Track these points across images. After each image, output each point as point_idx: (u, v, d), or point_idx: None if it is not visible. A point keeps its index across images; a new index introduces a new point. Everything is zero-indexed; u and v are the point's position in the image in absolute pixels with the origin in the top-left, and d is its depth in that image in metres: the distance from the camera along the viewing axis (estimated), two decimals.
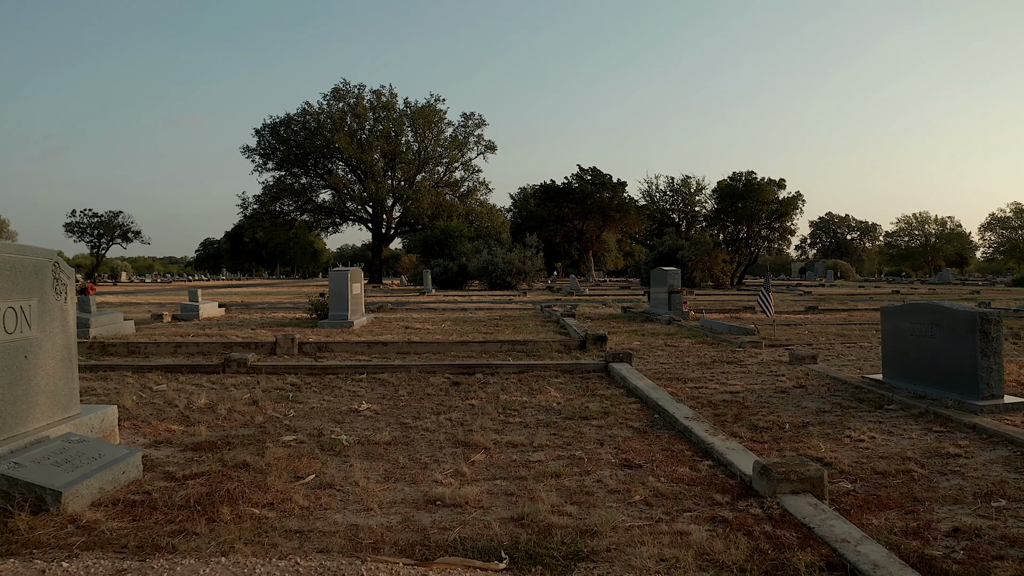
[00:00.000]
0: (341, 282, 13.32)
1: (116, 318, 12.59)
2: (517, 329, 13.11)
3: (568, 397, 6.40)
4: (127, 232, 59.14)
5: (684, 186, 49.76)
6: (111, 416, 5.01)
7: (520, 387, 6.96)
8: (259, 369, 7.97)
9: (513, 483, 3.87)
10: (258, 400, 6.32)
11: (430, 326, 13.56)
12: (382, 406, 6.08)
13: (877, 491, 3.97)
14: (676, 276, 15.84)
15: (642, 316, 16.07)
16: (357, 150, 52.16)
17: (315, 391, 6.84)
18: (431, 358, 9.15)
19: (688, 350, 10.00)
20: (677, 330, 12.85)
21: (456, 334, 12.11)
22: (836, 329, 13.19)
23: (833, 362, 8.80)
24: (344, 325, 13.01)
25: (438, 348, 9.81)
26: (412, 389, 6.84)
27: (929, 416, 5.80)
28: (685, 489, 3.78)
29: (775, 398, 6.52)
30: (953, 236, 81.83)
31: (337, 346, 9.91)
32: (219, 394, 6.66)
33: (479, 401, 6.24)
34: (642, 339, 11.47)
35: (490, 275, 36.66)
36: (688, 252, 40.88)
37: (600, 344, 9.83)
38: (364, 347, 9.85)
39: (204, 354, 9.88)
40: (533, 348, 9.74)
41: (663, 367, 8.38)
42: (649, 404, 5.99)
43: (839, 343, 10.62)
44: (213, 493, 3.73)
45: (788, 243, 44.35)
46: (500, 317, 16.21)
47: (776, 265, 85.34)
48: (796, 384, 7.20)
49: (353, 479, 3.92)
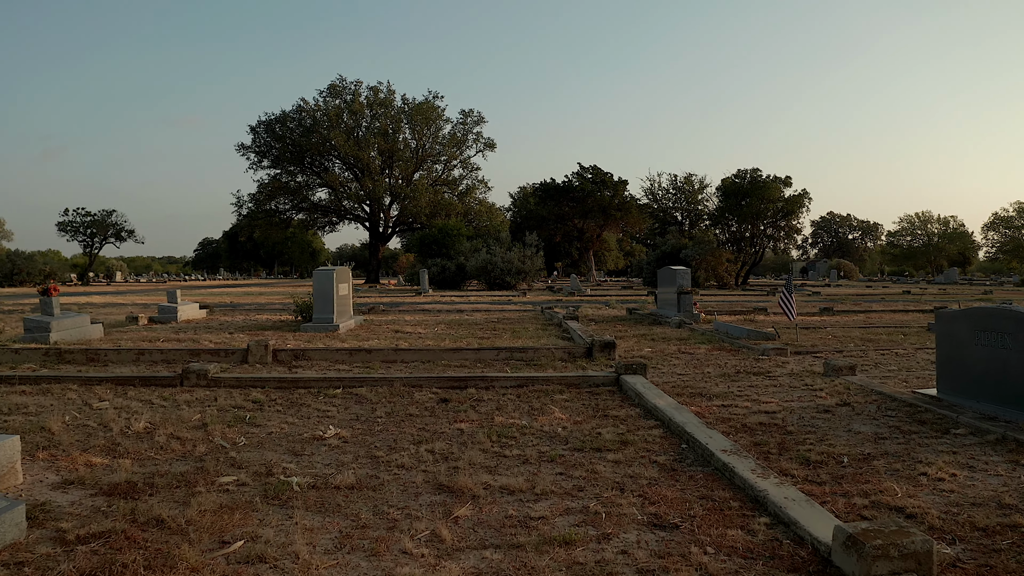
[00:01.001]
0: (326, 282, 12.33)
1: (81, 321, 11.59)
2: (516, 333, 12.11)
3: (576, 420, 5.40)
4: (120, 231, 58.04)
5: (687, 184, 48.73)
6: (9, 450, 4.02)
7: (519, 405, 5.97)
8: (220, 382, 6.98)
9: (507, 556, 2.88)
10: (208, 423, 5.33)
11: (422, 330, 12.56)
12: (353, 431, 5.09)
13: (989, 560, 2.99)
14: (686, 276, 14.85)
15: (649, 318, 15.08)
16: (354, 147, 51.14)
17: (279, 410, 5.85)
18: (419, 368, 8.15)
19: (706, 358, 9.01)
20: (689, 334, 11.85)
21: (449, 339, 11.12)
22: (861, 333, 12.21)
23: (873, 373, 7.81)
24: (329, 329, 12.01)
25: (428, 356, 8.81)
26: (392, 408, 5.85)
27: (1010, 444, 4.81)
28: (742, 567, 2.78)
29: (820, 419, 5.53)
30: (955, 236, 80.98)
31: (316, 354, 8.91)
32: (165, 414, 5.67)
33: (470, 425, 5.25)
34: (653, 345, 10.48)
35: (489, 275, 35.66)
36: (692, 251, 39.88)
37: (608, 351, 8.83)
38: (345, 355, 8.85)
39: (168, 362, 8.89)
40: (534, 356, 8.74)
41: (682, 380, 7.38)
42: (674, 430, 5.00)
43: (872, 350, 9.61)
44: (102, 570, 2.74)
45: (794, 242, 43.33)
46: (498, 320, 15.22)
47: (777, 264, 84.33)
48: (839, 401, 6.21)
49: (293, 548, 2.93)
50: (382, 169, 54.70)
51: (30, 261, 48.62)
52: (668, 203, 49.57)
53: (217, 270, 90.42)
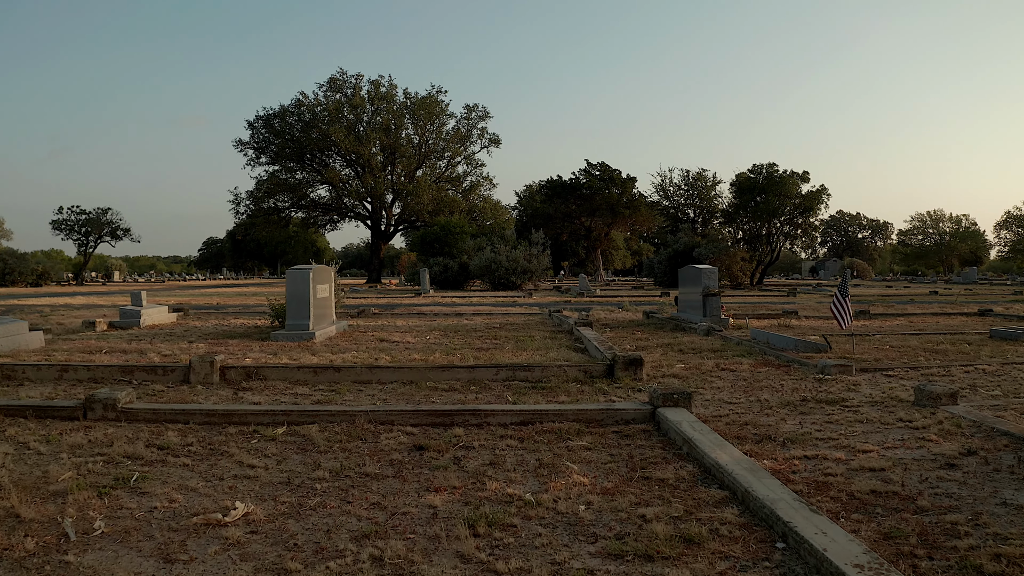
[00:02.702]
0: (301, 283, 10.68)
1: (15, 329, 9.99)
2: (520, 343, 10.45)
3: (604, 487, 3.72)
4: (116, 230, 56.42)
5: (700, 180, 46.90)
6: None
7: (523, 458, 4.30)
8: (132, 415, 5.34)
9: None
10: (72, 489, 3.68)
11: (412, 339, 10.89)
12: (274, 508, 3.43)
13: None
14: (712, 276, 13.15)
15: (671, 324, 13.38)
16: (354, 143, 49.51)
17: (187, 463, 4.20)
18: (396, 393, 6.49)
19: (754, 378, 7.31)
20: (723, 344, 10.15)
21: (441, 352, 9.45)
22: (918, 342, 10.47)
23: (974, 399, 6.10)
24: (303, 337, 10.36)
25: (410, 376, 7.14)
26: (344, 462, 4.18)
27: None
28: None
29: (950, 482, 3.85)
30: (968, 234, 79.47)
31: (274, 372, 7.26)
32: (26, 467, 4.03)
33: (448, 497, 3.59)
34: (683, 358, 8.79)
35: (493, 274, 34.00)
36: (705, 250, 38.16)
37: (634, 370, 7.13)
38: (309, 373, 7.19)
39: (96, 381, 7.27)
40: (541, 376, 7.06)
41: (735, 412, 5.69)
42: (755, 510, 3.31)
43: (958, 367, 7.86)
44: None
45: (812, 240, 41.48)
46: (501, 325, 13.55)
47: (786, 264, 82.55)
48: (961, 448, 4.51)
49: None
50: (384, 165, 53.09)
51: (22, 260, 47.25)
52: (680, 200, 47.74)
53: (220, 270, 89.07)
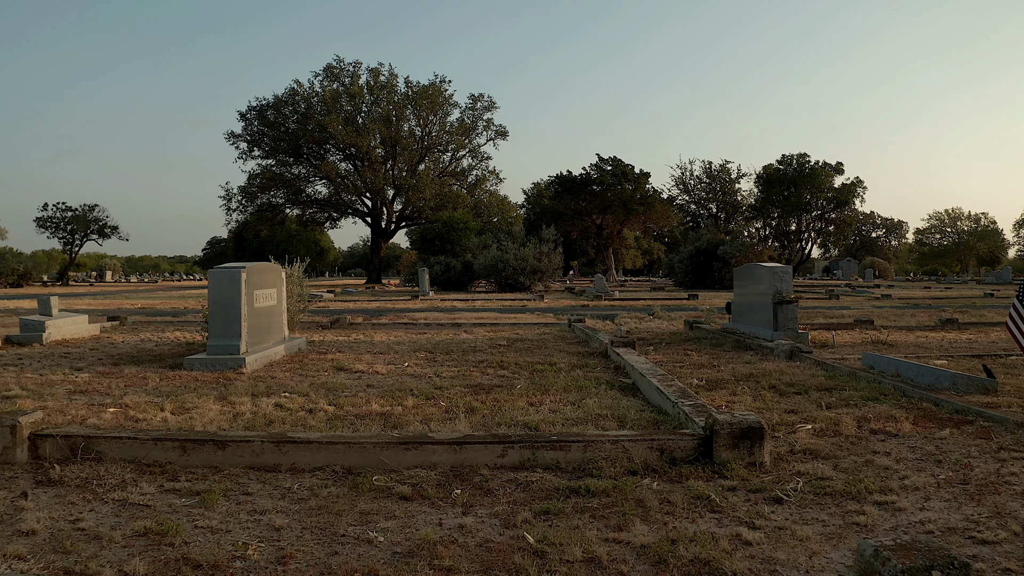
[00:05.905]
0: (228, 288, 7.64)
1: None
2: (537, 374, 7.37)
3: None
4: (103, 227, 53.71)
5: (723, 172, 43.63)
6: None
7: None
8: None
9: None
10: None
11: (383, 367, 7.79)
12: None
13: None
14: (786, 277, 10.04)
15: (730, 339, 10.27)
16: (353, 135, 46.51)
17: None
18: (313, 500, 3.41)
19: (927, 453, 4.20)
20: (827, 377, 7.01)
21: (418, 394, 6.37)
22: None
23: None
24: (227, 365, 7.29)
25: (347, 458, 4.05)
26: None
27: None
28: None
29: None
30: (986, 233, 76.77)
31: (115, 447, 4.20)
32: None
33: None
34: (790, 405, 5.68)
35: (500, 274, 30.95)
36: (730, 248, 35.01)
37: (751, 450, 4.01)
38: (173, 451, 4.13)
39: None
40: (583, 459, 3.98)
41: None
42: None
43: None
44: None
45: (846, 237, 38.22)
46: (509, 342, 10.45)
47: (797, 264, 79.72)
48: None
49: None
50: (384, 159, 50.11)
51: (2, 260, 44.67)
52: (701, 194, 44.50)
53: None
